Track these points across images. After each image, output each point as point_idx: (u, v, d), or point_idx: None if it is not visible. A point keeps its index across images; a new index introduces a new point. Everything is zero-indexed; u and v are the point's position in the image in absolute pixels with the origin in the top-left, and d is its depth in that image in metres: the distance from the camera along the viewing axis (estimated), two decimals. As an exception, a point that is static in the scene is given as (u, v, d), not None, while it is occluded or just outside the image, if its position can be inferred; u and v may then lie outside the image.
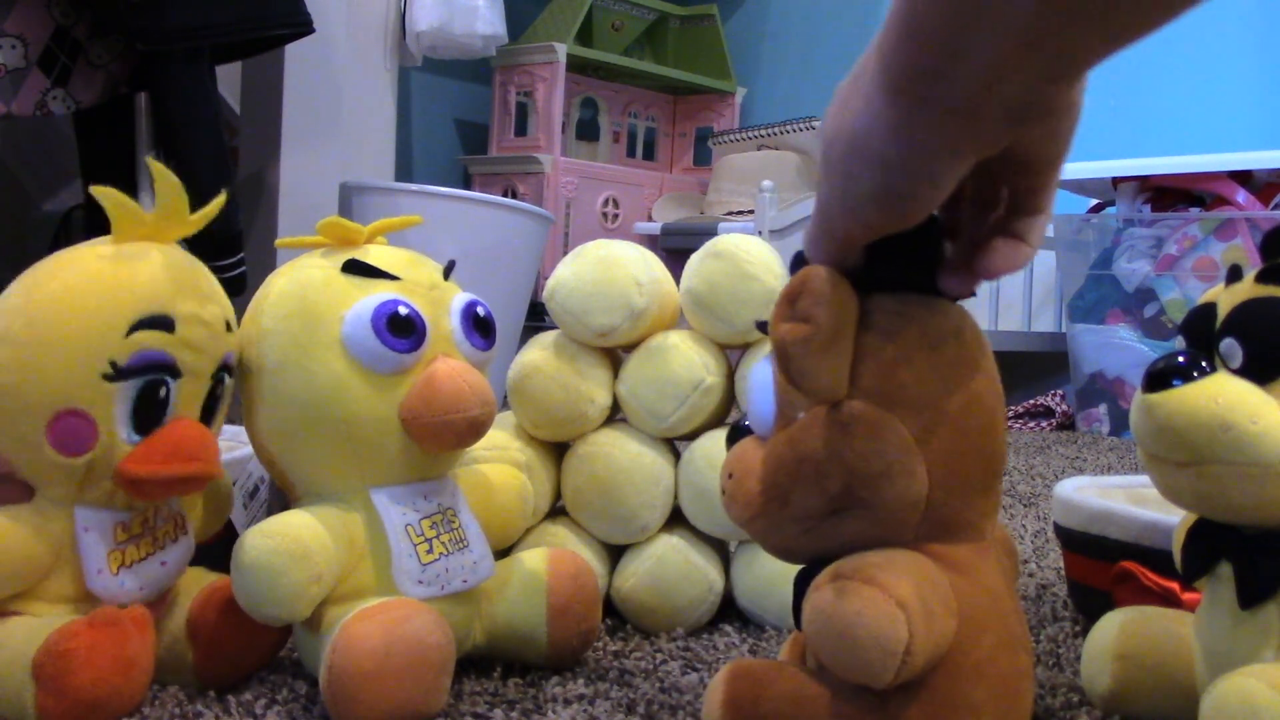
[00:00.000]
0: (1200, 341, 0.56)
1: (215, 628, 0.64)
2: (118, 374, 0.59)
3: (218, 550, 0.69)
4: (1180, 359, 0.54)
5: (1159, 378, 0.54)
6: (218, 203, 0.67)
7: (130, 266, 0.61)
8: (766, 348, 0.82)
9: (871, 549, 0.49)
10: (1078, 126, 0.45)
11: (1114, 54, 0.38)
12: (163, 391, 0.61)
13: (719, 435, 0.83)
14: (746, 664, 0.52)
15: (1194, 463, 0.53)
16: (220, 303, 0.66)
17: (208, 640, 0.65)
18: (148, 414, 0.61)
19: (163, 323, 0.61)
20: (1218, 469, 0.52)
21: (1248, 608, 0.53)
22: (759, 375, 0.53)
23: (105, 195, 0.61)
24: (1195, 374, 0.53)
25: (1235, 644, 0.54)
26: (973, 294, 0.51)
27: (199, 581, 0.67)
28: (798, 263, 0.51)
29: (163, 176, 0.62)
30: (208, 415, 0.65)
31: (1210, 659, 0.57)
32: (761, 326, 0.53)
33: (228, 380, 0.66)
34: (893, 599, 0.45)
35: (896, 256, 0.48)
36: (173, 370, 0.61)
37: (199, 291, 0.64)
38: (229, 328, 0.66)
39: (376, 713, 0.58)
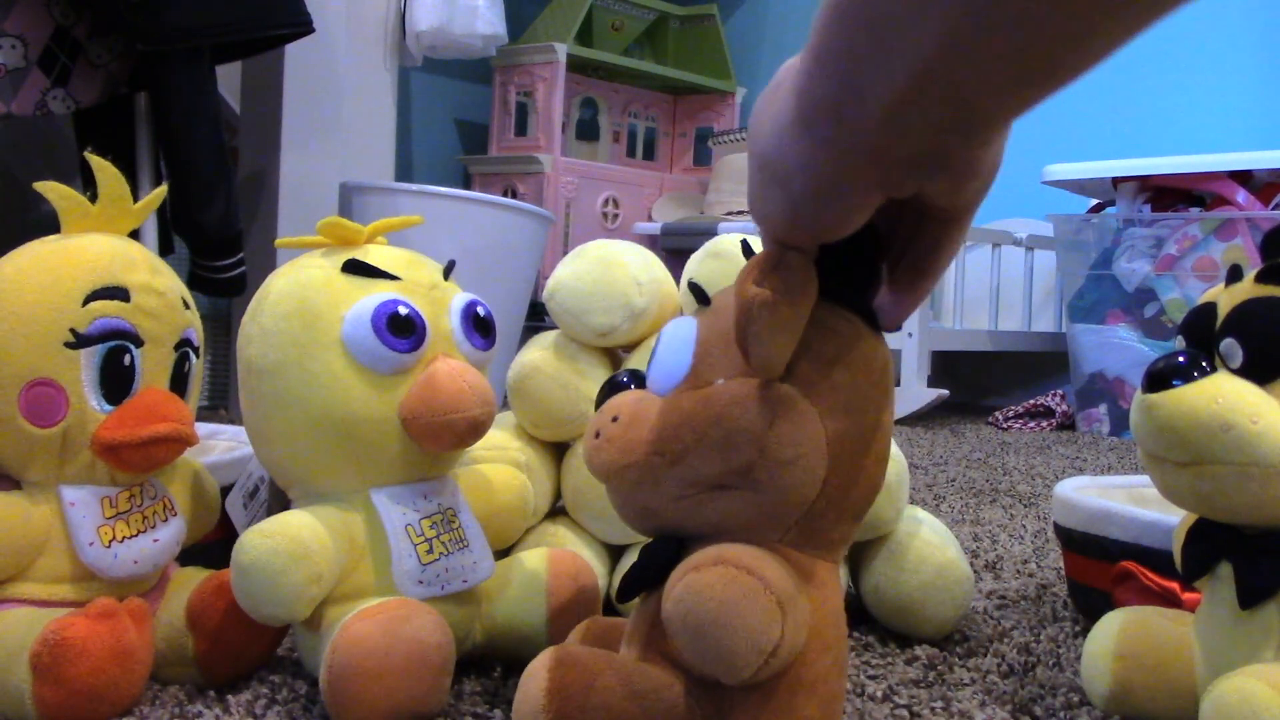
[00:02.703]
0: (1200, 341, 0.56)
1: (217, 619, 0.65)
2: (79, 341, 0.62)
3: (218, 550, 0.69)
4: (1180, 359, 0.54)
5: (1159, 378, 0.54)
6: (159, 193, 0.70)
7: (79, 246, 0.64)
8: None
9: (735, 535, 0.48)
10: (986, 191, 0.43)
11: (1017, 114, 0.36)
12: (127, 359, 0.63)
13: (719, 435, 0.83)
14: (571, 651, 0.50)
15: (1194, 463, 0.53)
16: (172, 279, 0.68)
17: (209, 632, 0.65)
18: (115, 382, 0.63)
19: (118, 292, 0.63)
20: (1218, 469, 0.52)
21: (1248, 608, 0.53)
22: (677, 331, 0.52)
23: (49, 189, 0.64)
24: (1195, 374, 0.53)
25: (1235, 644, 0.54)
26: (896, 328, 0.51)
27: (197, 580, 0.67)
28: (747, 250, 0.51)
29: (102, 169, 0.65)
30: (178, 392, 0.67)
31: (1210, 659, 0.57)
32: (694, 289, 0.54)
33: (194, 360, 0.68)
34: (775, 596, 0.45)
35: (835, 269, 0.48)
36: (134, 338, 0.64)
37: (149, 266, 0.66)
38: (186, 305, 0.68)
39: (376, 713, 0.58)
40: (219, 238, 1.47)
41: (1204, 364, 0.54)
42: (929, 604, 0.77)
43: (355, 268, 0.66)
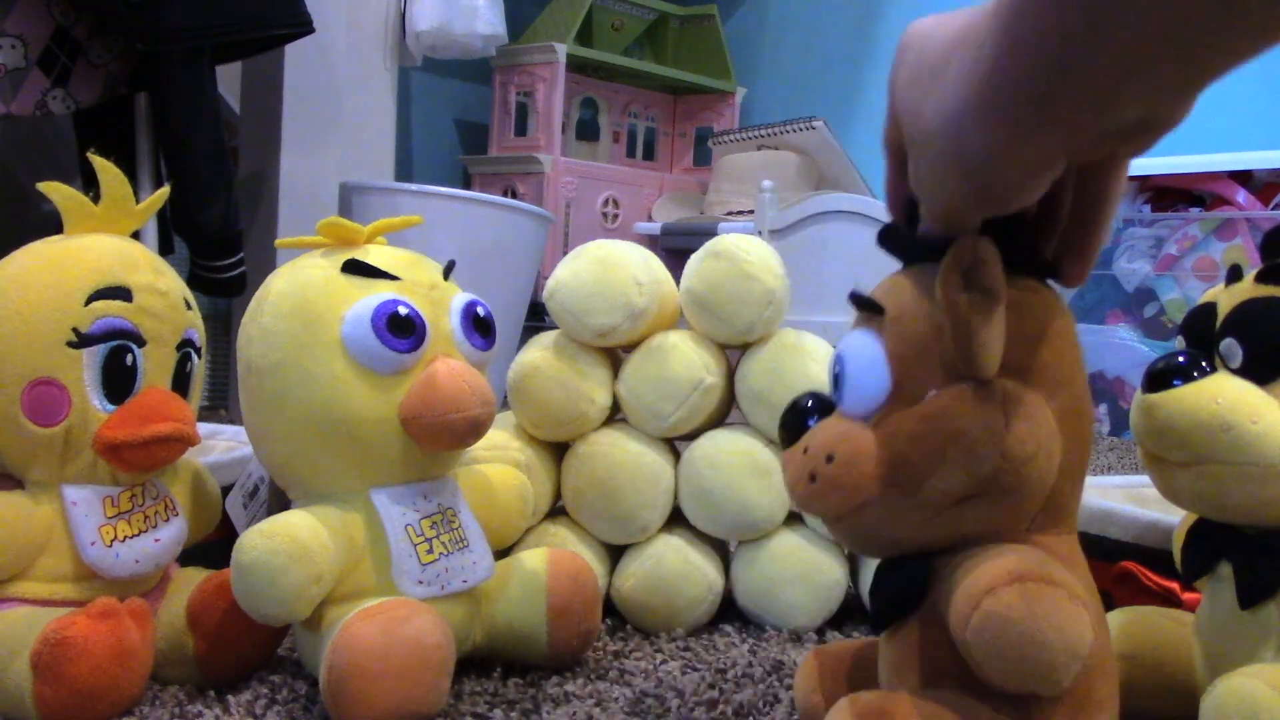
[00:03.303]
0: (1200, 341, 0.56)
1: (217, 619, 0.65)
2: (82, 340, 0.62)
3: (218, 550, 0.69)
4: (1180, 359, 0.54)
5: (1159, 378, 0.54)
6: (161, 194, 0.71)
7: (81, 247, 0.64)
8: (766, 345, 0.83)
9: (986, 538, 0.46)
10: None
11: (1241, 62, 0.34)
12: (129, 358, 0.63)
13: (719, 435, 0.83)
14: (866, 699, 0.46)
15: (1194, 463, 0.53)
16: (174, 279, 0.68)
17: (209, 632, 0.65)
18: (118, 381, 0.63)
19: (120, 292, 0.63)
20: (1218, 469, 0.52)
21: (1248, 608, 0.53)
22: (861, 349, 0.48)
23: (52, 189, 0.65)
24: (1195, 374, 0.53)
25: (1235, 644, 0.54)
26: (1082, 283, 0.49)
27: (197, 580, 0.67)
28: (888, 239, 0.49)
29: (105, 169, 0.66)
30: (180, 392, 0.67)
31: (1210, 659, 0.57)
32: (859, 300, 0.49)
33: (196, 360, 0.68)
34: (1078, 600, 0.43)
35: (1001, 234, 0.46)
36: (136, 338, 0.64)
37: (152, 266, 0.66)
38: (188, 305, 0.68)
39: (376, 713, 0.58)
40: (219, 238, 1.47)
41: (1204, 364, 0.54)
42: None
43: (355, 268, 0.66)
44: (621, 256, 0.81)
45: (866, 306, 0.49)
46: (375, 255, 0.67)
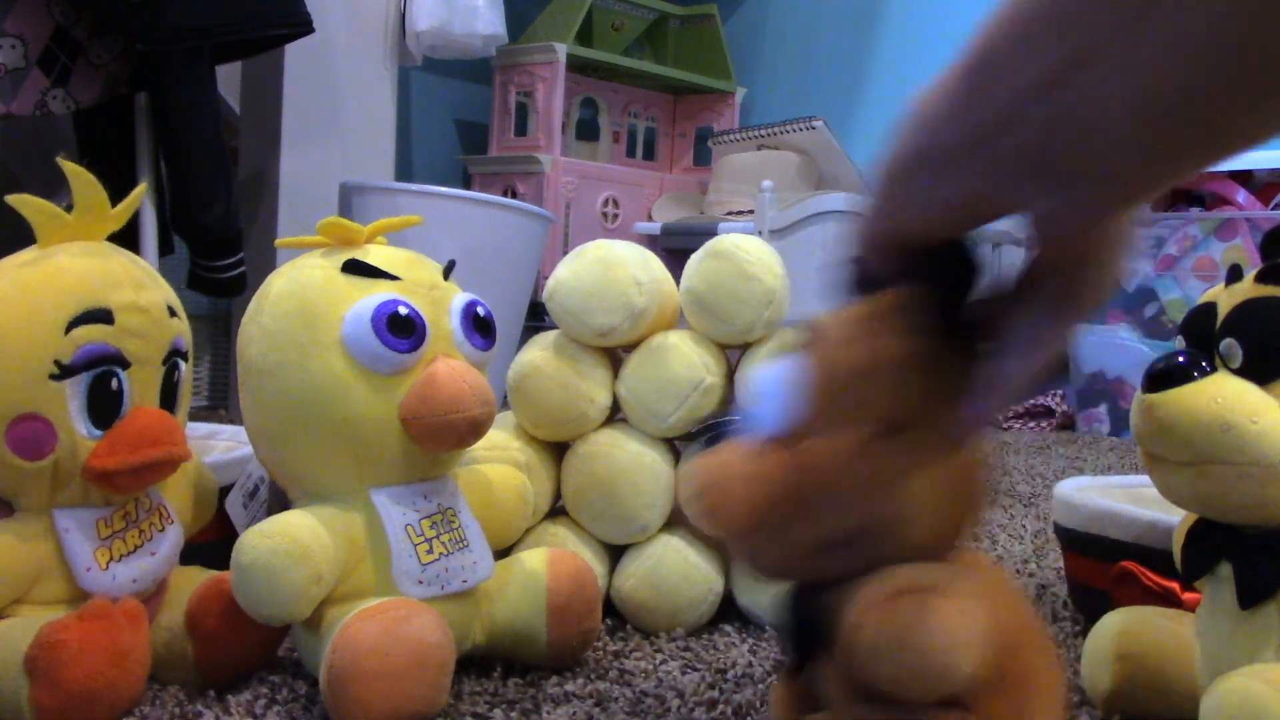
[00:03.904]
0: (1200, 341, 0.56)
1: (216, 621, 0.64)
2: (64, 372, 0.60)
3: (218, 550, 0.69)
4: (1180, 359, 0.54)
5: (1159, 378, 0.54)
6: (137, 194, 0.67)
7: (56, 267, 0.61)
8: (766, 345, 0.83)
9: (872, 568, 0.46)
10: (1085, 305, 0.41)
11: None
12: (114, 383, 0.61)
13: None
14: None
15: (1194, 463, 0.53)
16: (159, 288, 0.65)
17: (208, 634, 0.65)
18: (103, 408, 0.61)
19: (100, 315, 0.61)
20: (1218, 469, 0.52)
21: (1248, 608, 0.53)
22: (779, 374, 0.47)
23: (21, 202, 0.61)
24: (1195, 374, 0.53)
25: (1235, 644, 0.54)
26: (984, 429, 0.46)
27: (196, 580, 0.67)
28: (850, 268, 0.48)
29: (77, 175, 0.63)
30: (168, 403, 0.65)
31: (1210, 659, 0.57)
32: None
33: (183, 366, 0.66)
34: (955, 597, 0.43)
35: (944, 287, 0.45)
36: (120, 361, 0.61)
37: (133, 280, 0.63)
38: (173, 313, 0.65)
39: (376, 713, 0.58)
40: (219, 237, 1.47)
41: (1204, 364, 0.54)
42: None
43: (355, 268, 0.66)
44: (621, 256, 0.81)
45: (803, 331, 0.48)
46: (375, 255, 0.67)
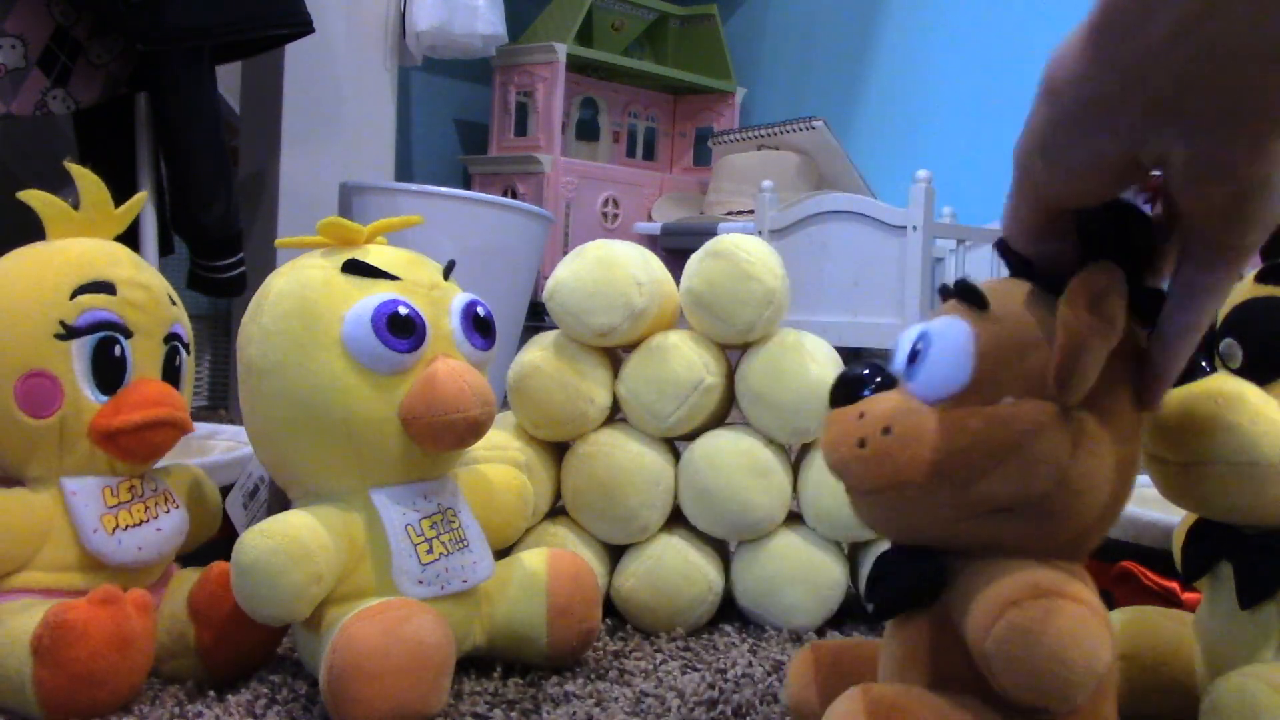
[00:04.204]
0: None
1: (221, 607, 0.65)
2: (69, 332, 0.64)
3: (218, 550, 0.69)
4: (1180, 359, 0.54)
5: (1159, 378, 0.54)
6: (139, 198, 0.73)
7: (64, 247, 0.67)
8: (766, 345, 0.83)
9: (1006, 553, 0.46)
10: (1247, 228, 0.41)
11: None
12: (117, 349, 0.65)
13: (719, 435, 0.83)
14: (878, 691, 0.46)
15: (1194, 463, 0.53)
16: (156, 276, 0.70)
17: (213, 621, 0.65)
18: (107, 372, 0.65)
19: (104, 286, 0.66)
20: (1218, 469, 0.52)
21: (1248, 608, 0.53)
22: (952, 336, 0.47)
23: (33, 197, 0.67)
24: (1195, 374, 0.53)
25: (1235, 644, 0.54)
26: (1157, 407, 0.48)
27: (197, 577, 0.68)
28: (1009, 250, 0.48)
29: (82, 176, 0.68)
30: (170, 384, 0.68)
31: (1210, 659, 0.57)
32: (964, 290, 0.48)
33: (184, 354, 0.70)
34: (1102, 619, 0.43)
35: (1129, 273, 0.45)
36: (123, 329, 0.66)
37: (133, 263, 0.69)
38: (172, 301, 0.70)
39: (376, 713, 0.58)
40: (219, 237, 1.47)
41: (1204, 364, 0.54)
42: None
43: (355, 268, 0.66)
44: (621, 256, 0.81)
45: (970, 298, 0.48)
46: (375, 255, 0.67)
